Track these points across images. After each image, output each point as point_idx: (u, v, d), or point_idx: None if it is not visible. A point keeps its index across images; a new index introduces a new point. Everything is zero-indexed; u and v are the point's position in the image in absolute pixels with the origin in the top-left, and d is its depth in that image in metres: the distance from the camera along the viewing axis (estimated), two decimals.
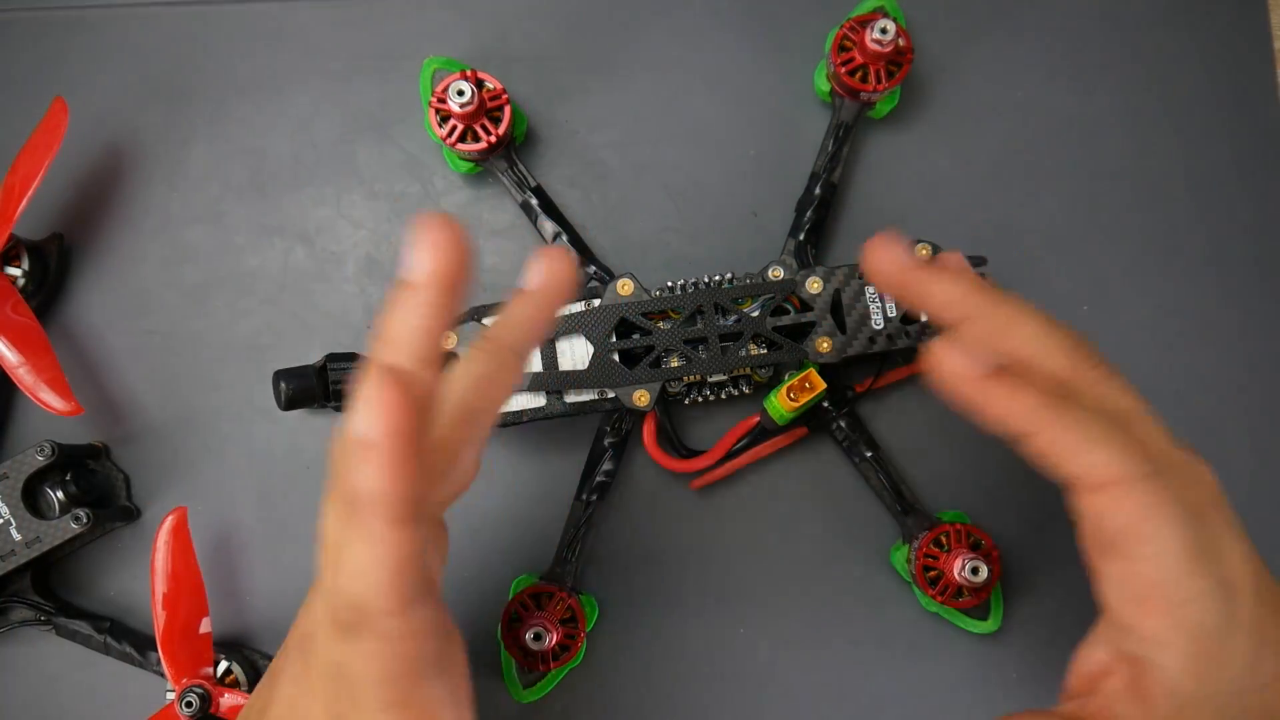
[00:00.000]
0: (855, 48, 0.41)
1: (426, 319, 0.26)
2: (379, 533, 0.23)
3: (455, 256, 0.26)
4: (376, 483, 0.23)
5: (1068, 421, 0.28)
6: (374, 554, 0.24)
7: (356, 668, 0.25)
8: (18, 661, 0.42)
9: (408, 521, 0.24)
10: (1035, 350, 0.29)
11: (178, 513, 0.40)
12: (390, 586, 0.24)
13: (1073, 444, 0.28)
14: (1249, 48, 0.46)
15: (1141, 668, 0.28)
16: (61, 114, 0.41)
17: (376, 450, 0.23)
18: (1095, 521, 0.29)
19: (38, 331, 0.41)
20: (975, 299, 0.30)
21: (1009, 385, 0.29)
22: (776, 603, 0.43)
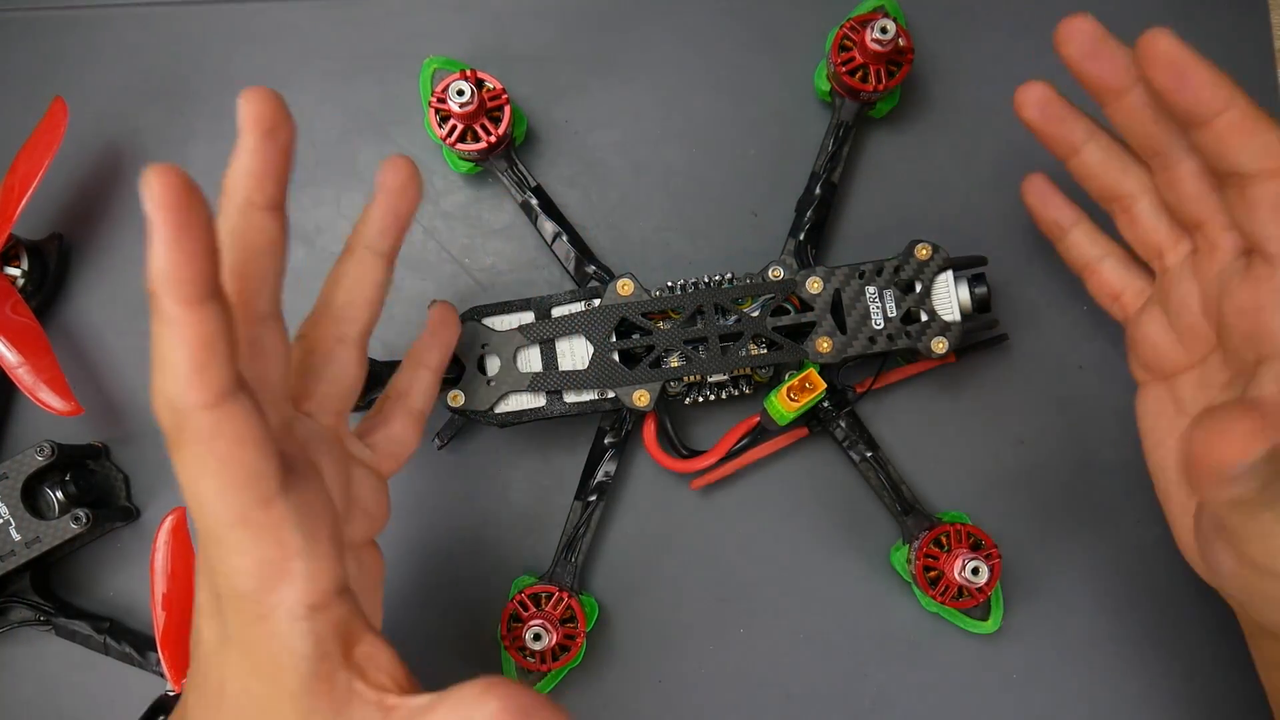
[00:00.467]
0: (855, 48, 0.41)
1: (254, 161, 0.28)
2: (171, 314, 0.23)
3: (272, 111, 0.29)
4: (159, 261, 0.22)
5: (1255, 108, 0.29)
6: (172, 340, 0.23)
7: (191, 487, 0.24)
8: (18, 661, 0.42)
9: (199, 301, 0.23)
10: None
11: (177, 513, 0.40)
12: (192, 372, 0.23)
13: (1262, 124, 0.29)
14: (1249, 48, 0.46)
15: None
16: (61, 114, 0.41)
17: (157, 229, 0.22)
18: (1258, 222, 0.29)
19: (37, 331, 0.41)
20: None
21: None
22: (776, 603, 0.43)
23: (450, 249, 0.44)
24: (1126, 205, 0.34)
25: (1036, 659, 0.42)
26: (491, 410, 0.39)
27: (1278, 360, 0.28)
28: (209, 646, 0.26)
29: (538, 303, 0.40)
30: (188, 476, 0.24)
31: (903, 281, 0.39)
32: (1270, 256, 0.28)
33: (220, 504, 0.24)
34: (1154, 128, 0.31)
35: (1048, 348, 0.44)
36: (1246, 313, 0.29)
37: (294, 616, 0.25)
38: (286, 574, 0.24)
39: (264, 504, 0.24)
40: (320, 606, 0.25)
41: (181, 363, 0.23)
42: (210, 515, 0.24)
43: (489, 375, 0.39)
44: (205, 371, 0.23)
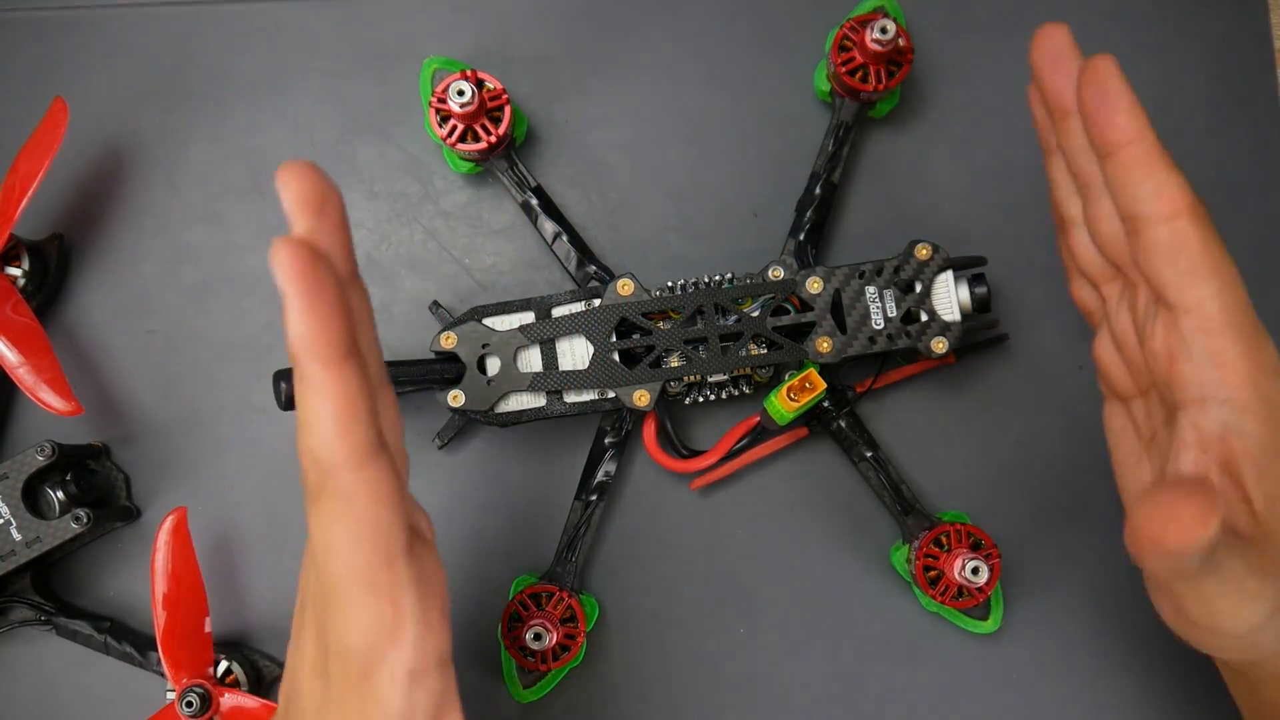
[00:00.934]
0: (855, 48, 0.41)
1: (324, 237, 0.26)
2: (315, 377, 0.23)
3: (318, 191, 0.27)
4: (297, 328, 0.23)
5: (1160, 148, 0.28)
6: (318, 400, 0.23)
7: (322, 538, 0.25)
8: (18, 661, 0.42)
9: (339, 361, 0.23)
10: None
11: (178, 513, 0.40)
12: (338, 431, 0.24)
13: (1161, 162, 0.28)
14: (1249, 48, 0.46)
15: (1227, 443, 0.27)
16: (61, 114, 0.41)
17: (291, 298, 0.23)
18: (1158, 267, 0.28)
19: (38, 331, 0.41)
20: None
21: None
22: (776, 602, 0.43)
23: (451, 249, 0.44)
24: (1069, 229, 0.33)
25: (1036, 659, 0.42)
26: (491, 410, 0.39)
27: (1190, 409, 0.28)
28: (310, 704, 0.27)
29: (538, 303, 0.40)
30: (322, 528, 0.25)
31: (903, 281, 0.39)
32: (1170, 304, 0.28)
33: (351, 558, 0.24)
34: (1085, 157, 0.31)
35: (1048, 348, 0.44)
36: (1160, 359, 0.29)
37: (395, 679, 0.25)
38: (397, 637, 0.25)
39: (389, 564, 0.25)
40: (421, 674, 0.25)
41: (327, 422, 0.24)
42: (338, 568, 0.25)
43: (489, 375, 0.39)
44: (350, 431, 0.24)
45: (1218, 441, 0.27)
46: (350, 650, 0.25)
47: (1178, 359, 0.28)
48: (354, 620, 0.25)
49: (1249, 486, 0.27)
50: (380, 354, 0.29)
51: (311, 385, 0.24)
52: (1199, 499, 0.24)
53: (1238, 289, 0.28)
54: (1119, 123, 0.28)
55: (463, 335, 0.39)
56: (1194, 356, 0.28)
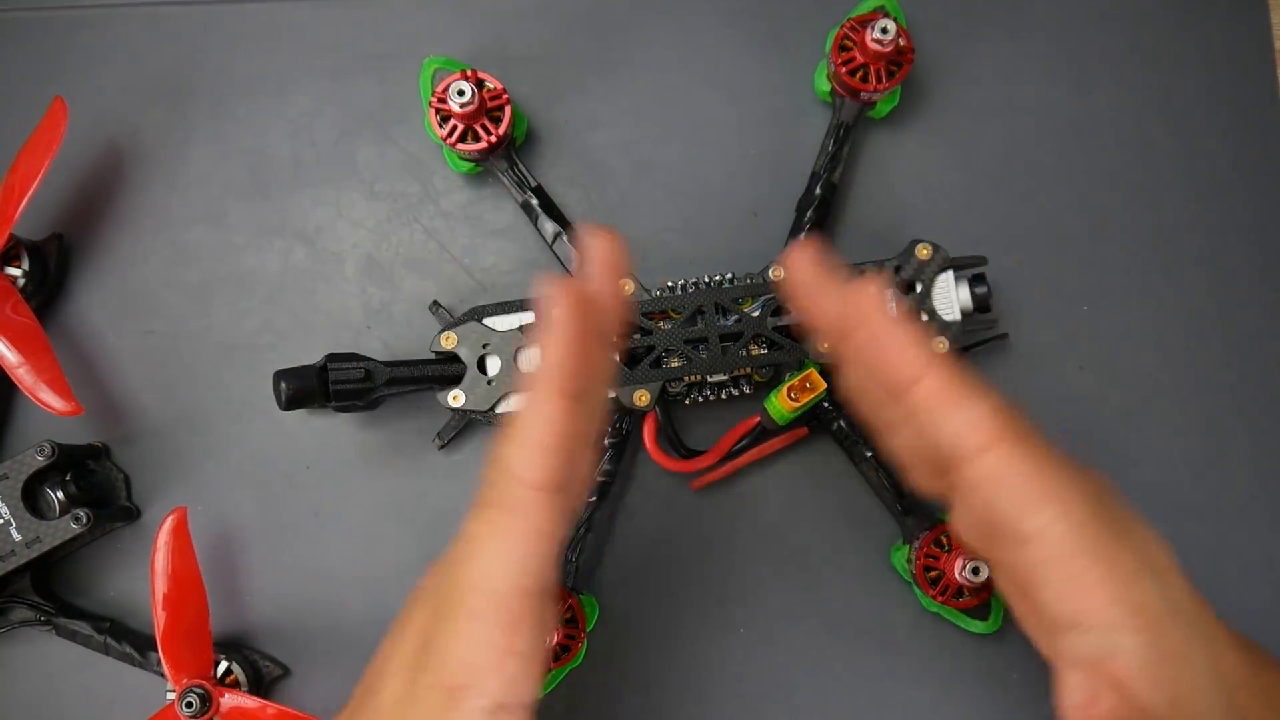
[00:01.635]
0: (855, 48, 0.41)
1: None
2: (547, 400, 0.26)
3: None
4: (552, 353, 0.26)
5: (952, 377, 0.27)
6: (537, 420, 0.26)
7: (475, 544, 0.26)
8: (18, 661, 0.42)
9: (573, 397, 0.25)
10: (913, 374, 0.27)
11: (178, 513, 0.40)
12: (540, 451, 0.25)
13: (957, 395, 0.26)
14: (1249, 48, 0.46)
15: (1109, 664, 0.26)
16: (61, 114, 0.41)
17: (558, 330, 0.26)
18: (987, 500, 0.27)
19: (38, 331, 0.41)
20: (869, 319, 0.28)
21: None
22: (776, 603, 0.43)
23: (451, 249, 0.44)
24: (890, 432, 0.30)
25: (1036, 659, 0.42)
26: (492, 410, 0.39)
27: (1063, 636, 0.26)
28: (388, 700, 0.27)
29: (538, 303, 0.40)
30: (480, 534, 0.26)
31: (903, 281, 0.39)
32: (1013, 535, 0.26)
33: (496, 571, 0.25)
34: (872, 390, 0.29)
35: (1048, 348, 0.44)
36: (1022, 582, 0.27)
37: (481, 709, 0.25)
38: (500, 669, 0.25)
39: (525, 595, 0.25)
40: (506, 713, 0.25)
41: (536, 440, 0.25)
42: (475, 579, 0.25)
43: (490, 375, 0.39)
44: (551, 456, 0.25)
45: (1101, 664, 0.26)
46: (450, 662, 0.25)
47: (1037, 588, 0.26)
48: (468, 634, 0.25)
49: (1145, 697, 0.25)
50: (599, 418, 0.29)
51: (539, 405, 0.26)
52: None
53: (1082, 500, 0.26)
54: (910, 354, 0.27)
55: (463, 335, 0.39)
56: (1052, 586, 0.26)
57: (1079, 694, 0.27)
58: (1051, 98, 0.45)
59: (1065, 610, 0.26)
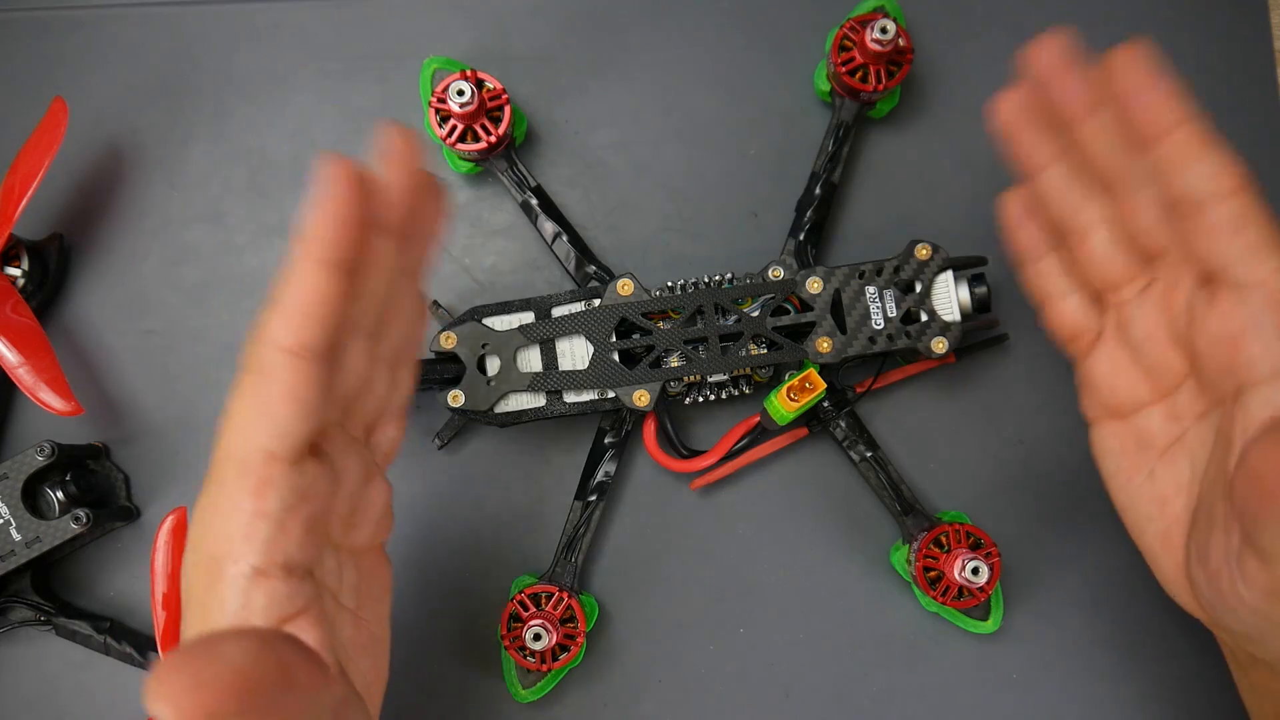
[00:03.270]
0: (855, 48, 0.41)
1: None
2: (303, 268, 0.26)
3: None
4: (314, 223, 0.26)
5: (1205, 130, 0.28)
6: (294, 285, 0.26)
7: (232, 409, 0.27)
8: (18, 661, 0.42)
9: (330, 266, 0.26)
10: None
11: (177, 513, 0.40)
12: (296, 315, 0.26)
13: (1211, 143, 0.28)
14: (1249, 48, 0.46)
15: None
16: (61, 114, 0.41)
17: (324, 199, 0.26)
18: (1214, 249, 0.28)
19: (38, 331, 0.41)
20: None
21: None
22: (776, 603, 0.43)
23: (450, 249, 0.45)
24: (1083, 237, 0.32)
25: (1036, 659, 0.42)
26: (491, 410, 0.39)
27: (1262, 387, 0.27)
28: (188, 595, 0.27)
29: (538, 303, 0.40)
30: (235, 400, 0.26)
31: (903, 281, 0.39)
32: (1236, 283, 0.27)
33: (243, 436, 0.26)
34: (1114, 154, 0.30)
35: (1048, 348, 0.44)
36: (1221, 342, 0.28)
37: (240, 575, 0.26)
38: (249, 534, 0.26)
39: (270, 458, 0.26)
40: (264, 575, 0.26)
41: (288, 304, 0.26)
42: (229, 444, 0.26)
43: (489, 375, 0.39)
44: (306, 323, 0.26)
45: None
46: (208, 533, 0.26)
47: (1245, 338, 0.27)
48: (219, 502, 0.26)
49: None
50: (413, 325, 0.31)
51: (296, 272, 0.26)
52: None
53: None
54: (1159, 112, 0.28)
55: (462, 335, 0.39)
56: (1264, 332, 0.27)
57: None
58: None
59: (1277, 354, 0.27)
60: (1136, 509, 0.33)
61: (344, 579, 0.30)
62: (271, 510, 0.26)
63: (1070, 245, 0.33)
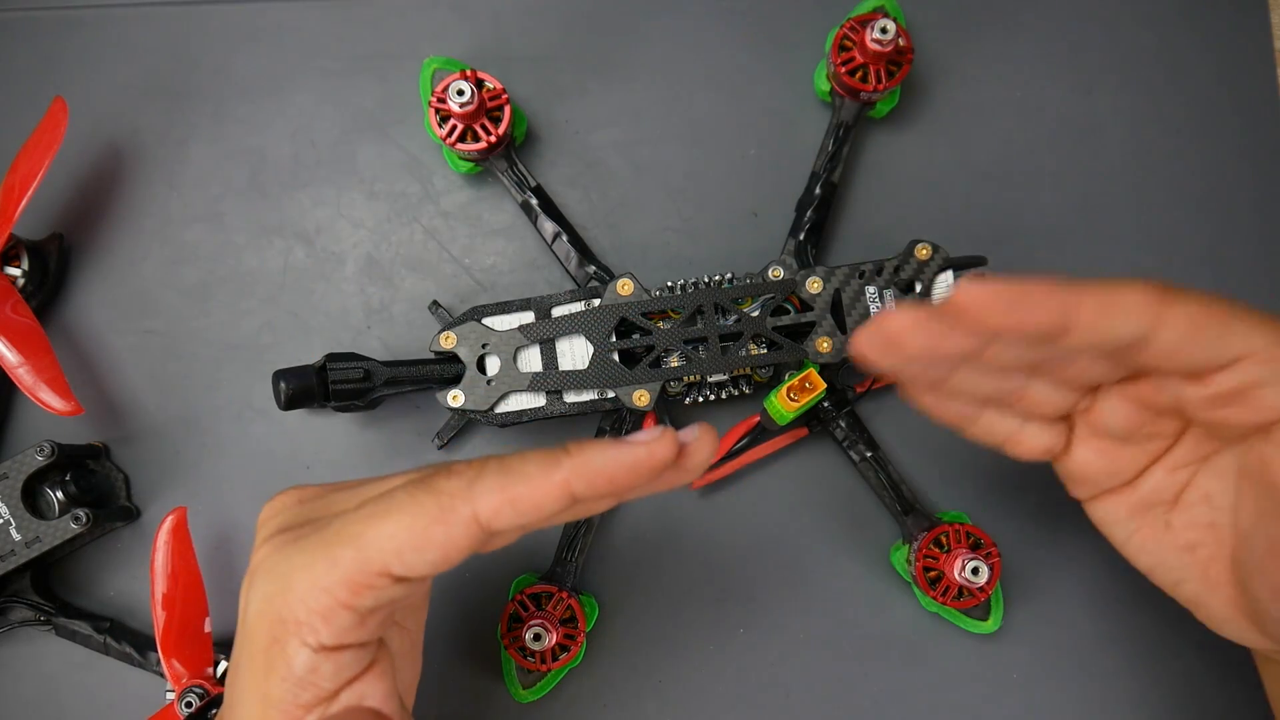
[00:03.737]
0: (855, 47, 0.41)
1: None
2: (558, 477, 0.25)
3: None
4: (602, 459, 0.25)
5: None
6: (535, 483, 0.25)
7: (397, 502, 0.26)
8: (18, 661, 0.42)
9: (572, 498, 0.25)
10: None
11: (177, 513, 0.40)
12: (508, 505, 0.25)
13: (1115, 296, 0.25)
14: (1249, 48, 0.46)
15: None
16: (61, 114, 0.41)
17: (633, 455, 0.26)
18: (1190, 344, 0.26)
19: (38, 331, 0.41)
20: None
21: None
22: (776, 603, 0.43)
23: (450, 249, 0.45)
24: (1019, 395, 0.30)
25: (1036, 659, 0.42)
26: (491, 410, 0.39)
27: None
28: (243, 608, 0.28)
29: (538, 303, 0.40)
30: (396, 507, 0.26)
31: (903, 281, 0.39)
32: (1222, 364, 0.26)
33: (377, 536, 0.25)
34: (1025, 354, 0.28)
35: None
36: (1227, 403, 0.27)
37: (306, 646, 0.26)
38: (331, 618, 0.26)
39: (384, 573, 0.25)
40: (335, 650, 0.26)
41: (513, 497, 0.26)
42: (363, 534, 0.25)
43: (489, 375, 0.39)
44: (509, 517, 0.26)
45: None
46: (283, 593, 0.26)
47: (1255, 390, 0.26)
48: (314, 573, 0.26)
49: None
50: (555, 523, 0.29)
51: (545, 479, 0.26)
52: None
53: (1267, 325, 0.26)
54: (1056, 307, 0.25)
55: (462, 335, 0.39)
56: (1270, 385, 0.26)
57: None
58: (1051, 98, 0.45)
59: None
60: (1165, 565, 0.31)
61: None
62: (361, 607, 0.26)
63: (1006, 404, 0.31)
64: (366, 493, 0.28)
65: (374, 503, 0.26)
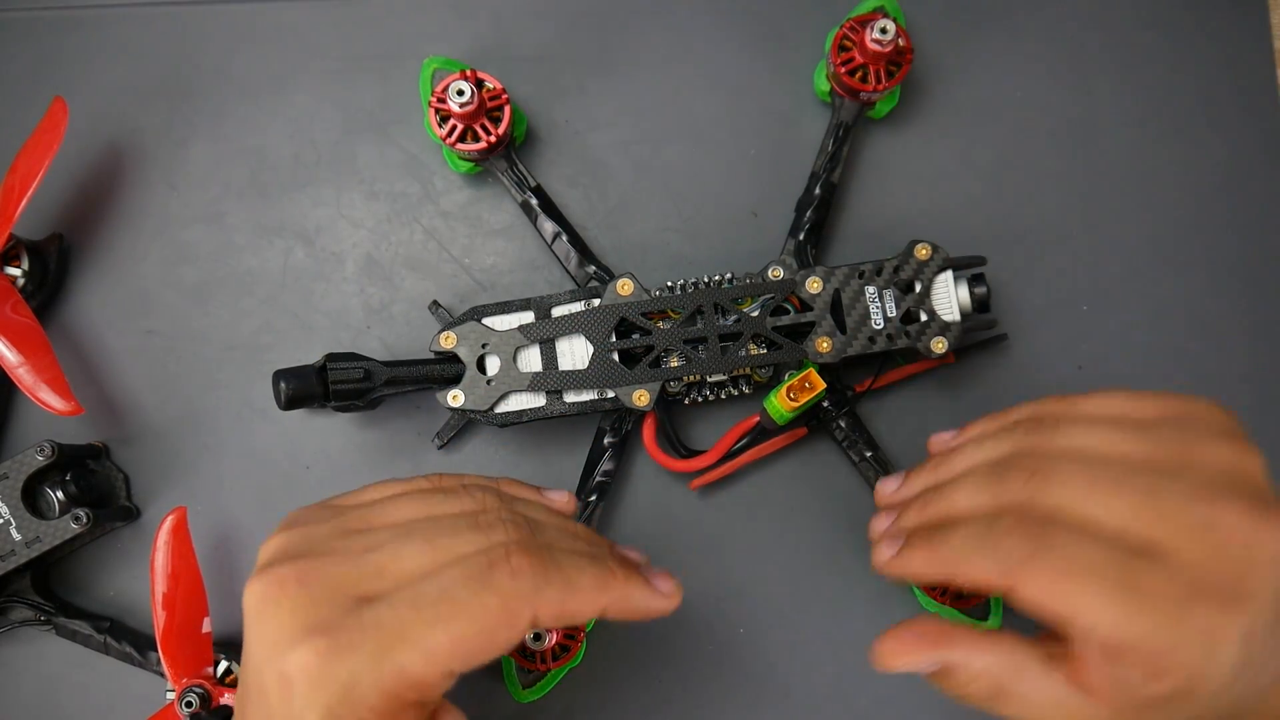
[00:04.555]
0: (855, 48, 0.41)
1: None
2: (618, 591, 0.29)
3: None
4: (649, 599, 0.30)
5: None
6: (603, 590, 0.28)
7: (459, 595, 0.27)
8: (18, 661, 0.42)
9: (608, 601, 0.28)
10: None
11: (177, 513, 0.40)
12: (575, 595, 0.27)
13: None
14: (1249, 48, 0.46)
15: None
16: (61, 114, 0.41)
17: (662, 599, 0.30)
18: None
19: (38, 331, 0.41)
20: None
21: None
22: (776, 603, 0.43)
23: (450, 249, 0.45)
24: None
25: None
26: (491, 410, 0.39)
27: None
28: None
29: (538, 303, 0.40)
30: (460, 599, 0.26)
31: (902, 281, 0.39)
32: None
33: (437, 645, 0.26)
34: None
35: (1048, 348, 0.44)
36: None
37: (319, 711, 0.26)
38: (344, 699, 0.26)
39: (412, 690, 0.27)
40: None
41: (580, 590, 0.28)
42: (410, 627, 0.26)
43: (489, 375, 0.39)
44: (570, 606, 0.28)
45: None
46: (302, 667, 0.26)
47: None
48: (341, 663, 0.26)
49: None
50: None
51: (610, 590, 0.28)
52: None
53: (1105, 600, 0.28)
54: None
55: (463, 335, 0.39)
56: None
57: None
58: (1051, 98, 0.45)
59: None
60: None
61: None
62: (426, 703, 0.28)
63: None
64: (385, 541, 0.28)
65: (434, 604, 0.26)
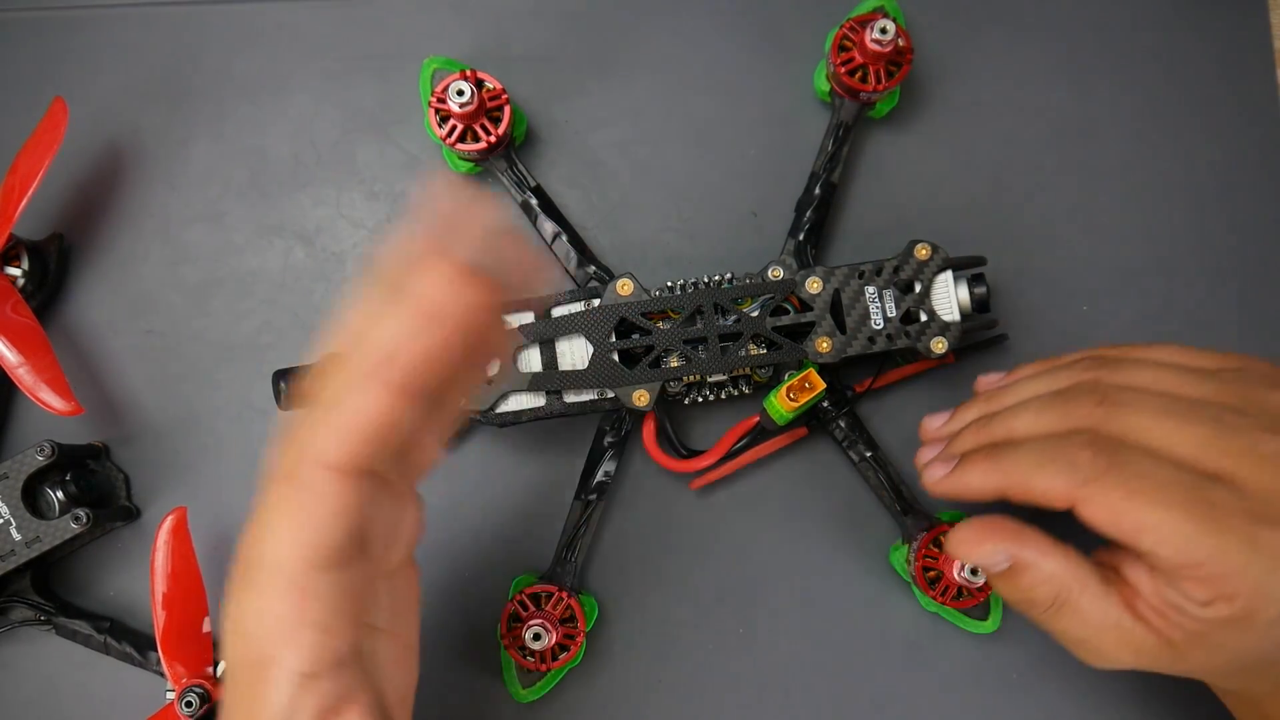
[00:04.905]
0: (855, 48, 0.41)
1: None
2: (370, 384, 0.23)
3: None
4: (396, 336, 0.23)
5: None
6: (354, 401, 0.23)
7: (264, 518, 0.25)
8: (18, 661, 0.42)
9: (406, 393, 0.24)
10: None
11: (177, 513, 0.40)
12: (347, 436, 0.24)
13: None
14: (1249, 48, 0.46)
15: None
16: (61, 114, 0.41)
17: (425, 310, 0.23)
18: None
19: (38, 331, 0.41)
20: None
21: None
22: (776, 603, 0.43)
23: None
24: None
25: (1036, 659, 0.42)
26: (492, 410, 0.39)
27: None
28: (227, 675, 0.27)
29: (537, 303, 0.40)
30: (268, 508, 0.25)
31: (902, 281, 0.39)
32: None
33: (281, 547, 0.24)
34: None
35: (1047, 348, 0.44)
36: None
37: (289, 680, 0.25)
38: (293, 640, 0.25)
39: (311, 568, 0.25)
40: (314, 679, 0.25)
41: (343, 426, 0.23)
42: (265, 552, 0.25)
43: (489, 375, 0.39)
44: (359, 446, 0.24)
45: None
46: (249, 637, 0.25)
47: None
48: (258, 609, 0.25)
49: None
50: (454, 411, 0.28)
51: (360, 391, 0.23)
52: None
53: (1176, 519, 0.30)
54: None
55: None
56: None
57: None
58: (1051, 98, 0.45)
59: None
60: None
61: (379, 604, 0.29)
62: (317, 619, 0.25)
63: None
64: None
65: (250, 527, 0.26)
